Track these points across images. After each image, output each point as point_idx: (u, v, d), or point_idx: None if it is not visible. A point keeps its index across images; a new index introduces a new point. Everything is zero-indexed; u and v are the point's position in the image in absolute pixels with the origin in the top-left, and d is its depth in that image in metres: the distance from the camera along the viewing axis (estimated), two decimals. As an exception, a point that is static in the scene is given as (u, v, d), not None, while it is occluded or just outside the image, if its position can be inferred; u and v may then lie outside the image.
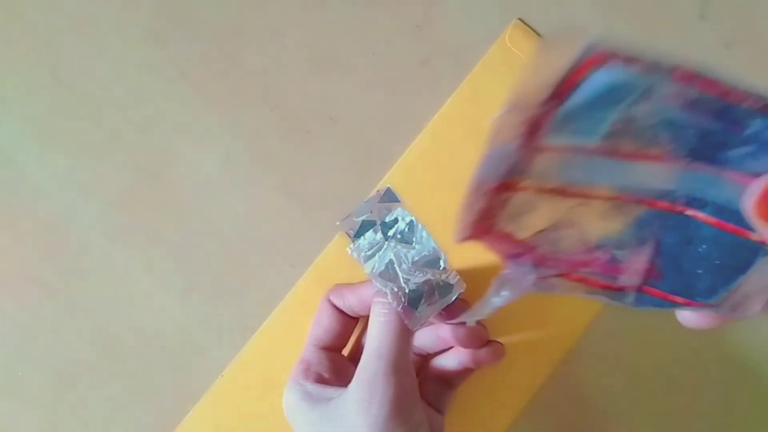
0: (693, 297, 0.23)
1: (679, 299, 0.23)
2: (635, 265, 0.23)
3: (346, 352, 0.37)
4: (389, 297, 0.30)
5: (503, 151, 0.22)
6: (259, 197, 0.39)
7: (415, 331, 0.31)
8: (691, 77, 0.20)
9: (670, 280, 0.23)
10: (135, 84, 0.39)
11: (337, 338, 0.35)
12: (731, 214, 0.20)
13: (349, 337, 0.36)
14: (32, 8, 0.39)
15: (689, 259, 0.22)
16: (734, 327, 0.38)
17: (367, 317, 0.36)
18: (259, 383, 0.38)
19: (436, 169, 0.38)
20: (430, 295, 0.31)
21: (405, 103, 0.39)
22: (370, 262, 0.32)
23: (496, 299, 0.27)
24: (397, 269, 0.31)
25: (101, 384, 0.38)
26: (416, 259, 0.31)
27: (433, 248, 0.32)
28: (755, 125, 0.19)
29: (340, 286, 0.36)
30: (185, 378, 0.38)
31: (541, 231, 0.24)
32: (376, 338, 0.30)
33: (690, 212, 0.22)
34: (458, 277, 0.32)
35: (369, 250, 0.32)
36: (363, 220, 0.33)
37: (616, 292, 0.24)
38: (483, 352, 0.34)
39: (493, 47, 0.39)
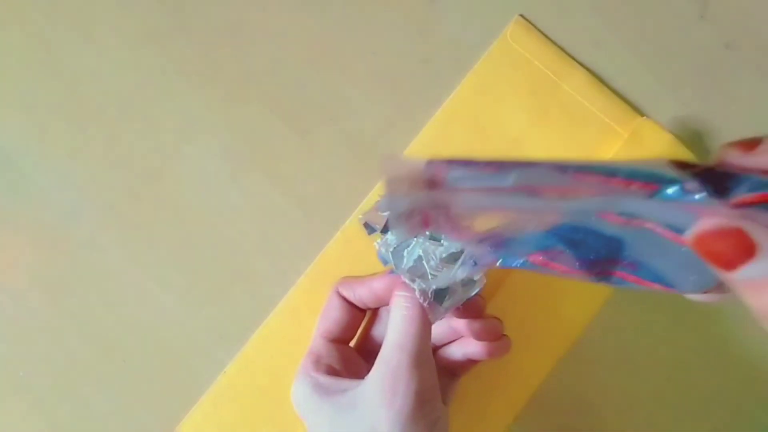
0: (671, 286, 0.23)
1: (656, 286, 0.23)
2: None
3: (351, 344, 0.37)
4: (417, 292, 0.30)
5: (409, 197, 0.23)
6: (259, 197, 0.39)
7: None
8: (558, 171, 0.20)
9: (644, 271, 0.23)
10: (135, 84, 0.39)
11: (345, 330, 0.35)
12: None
13: (357, 329, 0.36)
14: (32, 9, 0.39)
15: (659, 258, 0.22)
16: (736, 326, 0.38)
17: (374, 310, 0.36)
18: (260, 380, 0.38)
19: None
20: (454, 291, 0.31)
21: (405, 102, 0.39)
22: (398, 257, 0.32)
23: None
24: (425, 265, 0.31)
25: (101, 384, 0.38)
26: (444, 255, 0.31)
27: (461, 246, 0.31)
28: (661, 197, 0.19)
29: (349, 279, 0.36)
30: (185, 377, 0.38)
31: (497, 226, 0.24)
32: (399, 331, 0.30)
33: (649, 225, 0.21)
34: (481, 273, 0.32)
35: (397, 246, 0.32)
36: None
37: (582, 276, 0.24)
38: (493, 345, 0.34)
39: (494, 44, 0.39)
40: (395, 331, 0.30)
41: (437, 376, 0.31)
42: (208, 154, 0.39)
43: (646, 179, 0.19)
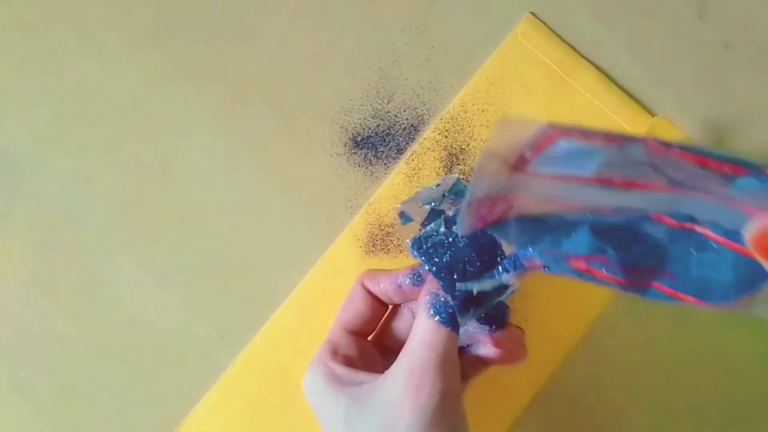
0: (704, 299, 0.23)
1: (690, 298, 0.23)
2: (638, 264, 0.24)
3: (368, 338, 0.35)
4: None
5: (493, 178, 0.24)
6: (260, 197, 0.39)
7: None
8: (663, 149, 0.20)
9: (680, 282, 0.23)
10: (135, 84, 0.39)
11: (366, 324, 0.34)
12: (740, 236, 0.21)
13: (378, 324, 0.35)
14: (33, 10, 0.39)
15: (698, 267, 0.23)
16: (736, 326, 0.38)
17: (395, 305, 0.35)
18: (262, 381, 0.38)
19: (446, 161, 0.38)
20: (488, 295, 0.30)
21: (410, 101, 0.39)
22: (436, 254, 0.30)
23: (505, 275, 0.28)
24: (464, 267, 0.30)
25: (102, 384, 0.38)
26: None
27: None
28: (741, 184, 0.19)
29: (375, 271, 0.34)
30: (186, 377, 0.38)
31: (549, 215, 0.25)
32: (428, 329, 0.29)
33: (699, 229, 0.22)
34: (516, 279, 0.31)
35: (433, 243, 0.30)
36: (432, 209, 0.31)
37: (622, 284, 0.24)
38: (509, 351, 0.33)
39: (504, 41, 0.39)
40: (424, 329, 0.29)
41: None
42: (209, 155, 0.39)
43: (735, 163, 0.20)
